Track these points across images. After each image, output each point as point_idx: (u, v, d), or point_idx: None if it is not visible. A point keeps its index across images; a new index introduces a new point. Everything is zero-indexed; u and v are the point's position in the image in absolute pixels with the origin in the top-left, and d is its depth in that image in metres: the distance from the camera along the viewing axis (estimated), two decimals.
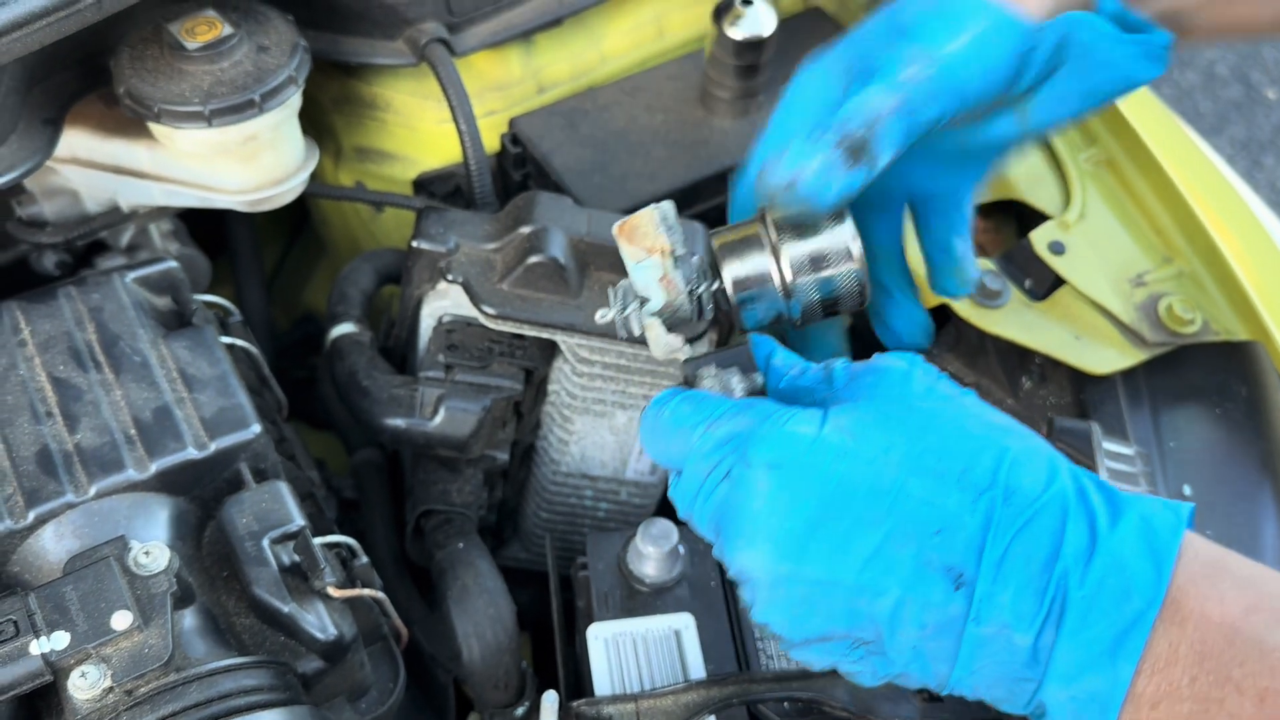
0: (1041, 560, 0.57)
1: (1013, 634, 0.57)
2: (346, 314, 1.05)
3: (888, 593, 0.59)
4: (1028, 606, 0.56)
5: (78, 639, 0.70)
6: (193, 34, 0.93)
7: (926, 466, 0.59)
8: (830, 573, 0.60)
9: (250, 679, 0.73)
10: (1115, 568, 0.56)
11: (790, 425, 0.63)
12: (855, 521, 0.59)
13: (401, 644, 0.88)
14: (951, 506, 0.58)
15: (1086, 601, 0.56)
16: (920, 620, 0.59)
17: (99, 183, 1.03)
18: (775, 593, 0.62)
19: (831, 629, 0.61)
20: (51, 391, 0.83)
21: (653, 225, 0.71)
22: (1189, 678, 0.54)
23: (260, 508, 0.81)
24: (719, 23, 1.10)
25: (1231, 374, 0.93)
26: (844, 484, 0.60)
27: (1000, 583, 0.57)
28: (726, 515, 0.64)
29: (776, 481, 0.61)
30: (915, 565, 0.58)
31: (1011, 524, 0.57)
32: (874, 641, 0.61)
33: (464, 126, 1.06)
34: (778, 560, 0.61)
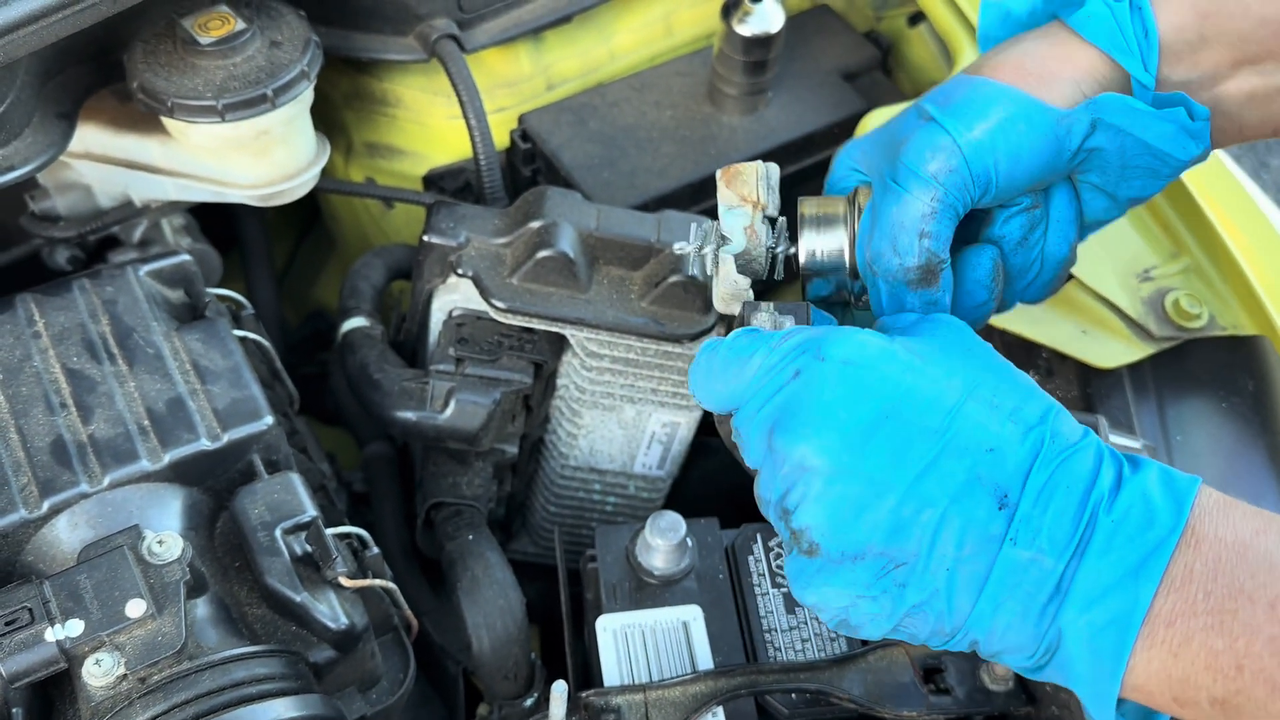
0: (1079, 491, 0.60)
1: (1043, 559, 0.59)
2: (358, 308, 1.05)
3: (936, 504, 0.61)
4: (1063, 531, 0.59)
5: (92, 627, 0.71)
6: (206, 29, 0.94)
7: (984, 397, 0.63)
8: (886, 472, 0.61)
9: (262, 667, 0.74)
10: (1140, 500, 0.59)
11: (860, 336, 0.66)
12: (917, 430, 0.62)
13: (412, 635, 0.89)
14: (1004, 434, 0.61)
15: (1113, 526, 0.59)
16: (961, 536, 0.60)
17: (112, 177, 1.04)
18: (830, 487, 0.62)
19: (871, 541, 0.62)
20: (66, 383, 0.84)
21: (754, 178, 0.74)
22: (1204, 593, 0.57)
23: (273, 498, 0.81)
24: (727, 19, 1.11)
25: (1238, 368, 0.93)
26: (911, 393, 0.63)
27: (1041, 506, 0.59)
28: (790, 408, 0.64)
29: (850, 376, 0.63)
30: (966, 480, 0.60)
31: (1056, 456, 0.60)
32: (907, 564, 0.62)
33: (474, 122, 1.06)
34: (841, 449, 0.62)
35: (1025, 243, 0.76)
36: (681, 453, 1.09)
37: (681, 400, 1.02)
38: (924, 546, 0.61)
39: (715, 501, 1.18)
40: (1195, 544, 0.58)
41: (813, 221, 0.76)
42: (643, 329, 0.96)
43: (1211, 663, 0.56)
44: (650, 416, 1.04)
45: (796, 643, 0.88)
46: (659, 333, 0.96)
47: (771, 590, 0.91)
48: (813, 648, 0.88)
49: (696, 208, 1.12)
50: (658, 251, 0.97)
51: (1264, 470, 0.91)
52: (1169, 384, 0.93)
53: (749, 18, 1.10)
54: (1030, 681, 0.86)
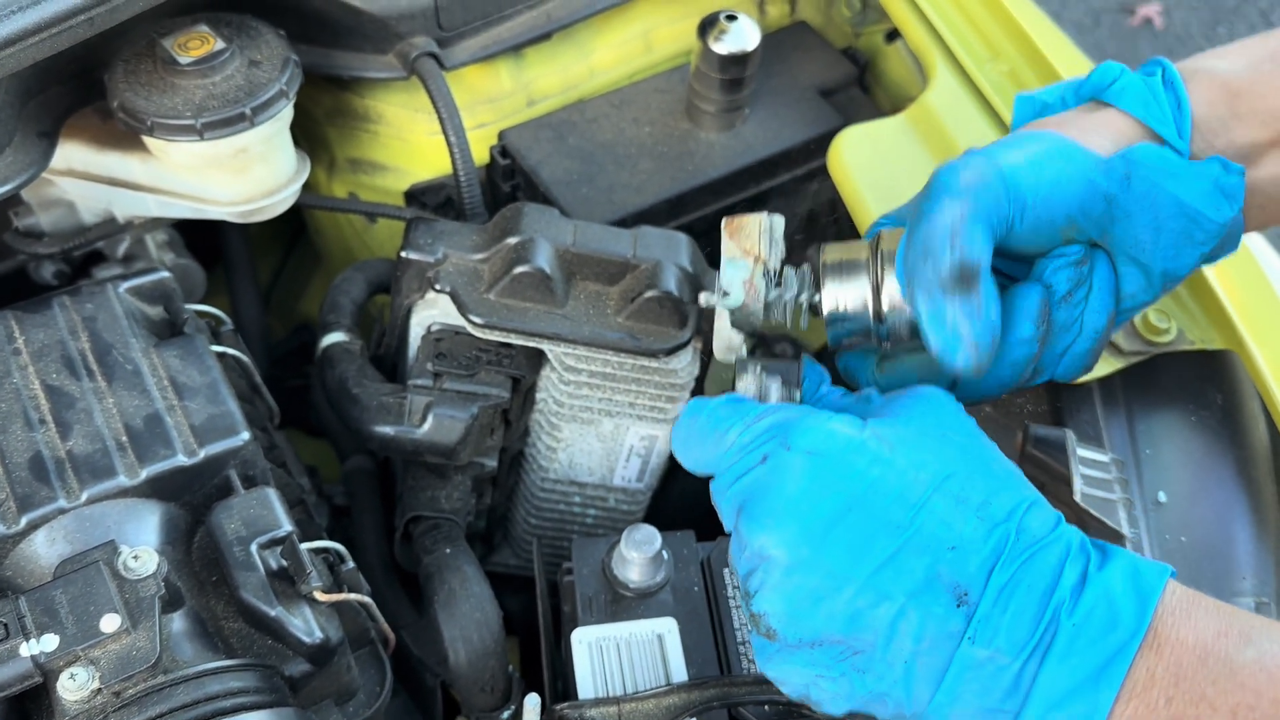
0: (1040, 591, 0.60)
1: (1002, 658, 0.59)
2: (337, 323, 1.06)
3: (893, 598, 0.61)
4: (1022, 632, 0.59)
5: (67, 641, 0.71)
6: (185, 49, 0.95)
7: (951, 490, 0.63)
8: (845, 566, 0.62)
9: (237, 681, 0.74)
10: (1104, 600, 0.59)
11: (833, 423, 0.66)
12: (879, 524, 0.62)
13: (389, 648, 0.89)
14: (968, 531, 0.61)
15: (1075, 629, 0.59)
16: (919, 632, 0.61)
17: (94, 194, 1.05)
18: (789, 577, 0.63)
19: (828, 631, 0.63)
20: (45, 399, 0.84)
21: (757, 230, 0.75)
22: (1165, 699, 0.57)
23: (249, 513, 0.82)
24: (704, 37, 1.12)
25: (1206, 382, 0.94)
26: (875, 486, 0.63)
27: (1000, 606, 0.60)
28: (755, 494, 0.66)
29: (813, 467, 0.64)
30: (925, 576, 0.61)
31: (1020, 555, 0.61)
32: (864, 653, 0.62)
33: (454, 139, 1.07)
34: (800, 543, 0.63)
35: (1070, 299, 0.74)
36: (660, 465, 1.10)
37: (659, 414, 1.03)
38: (881, 639, 0.62)
39: (694, 514, 1.19)
40: (1157, 647, 0.58)
41: (835, 269, 0.76)
42: (619, 344, 0.97)
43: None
44: (628, 430, 1.05)
45: None
46: (635, 347, 0.97)
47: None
48: None
49: (674, 223, 1.13)
50: (634, 267, 0.97)
51: (1232, 483, 0.91)
52: (1138, 398, 0.93)
53: (725, 35, 1.11)
54: None
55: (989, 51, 1.12)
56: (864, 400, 0.72)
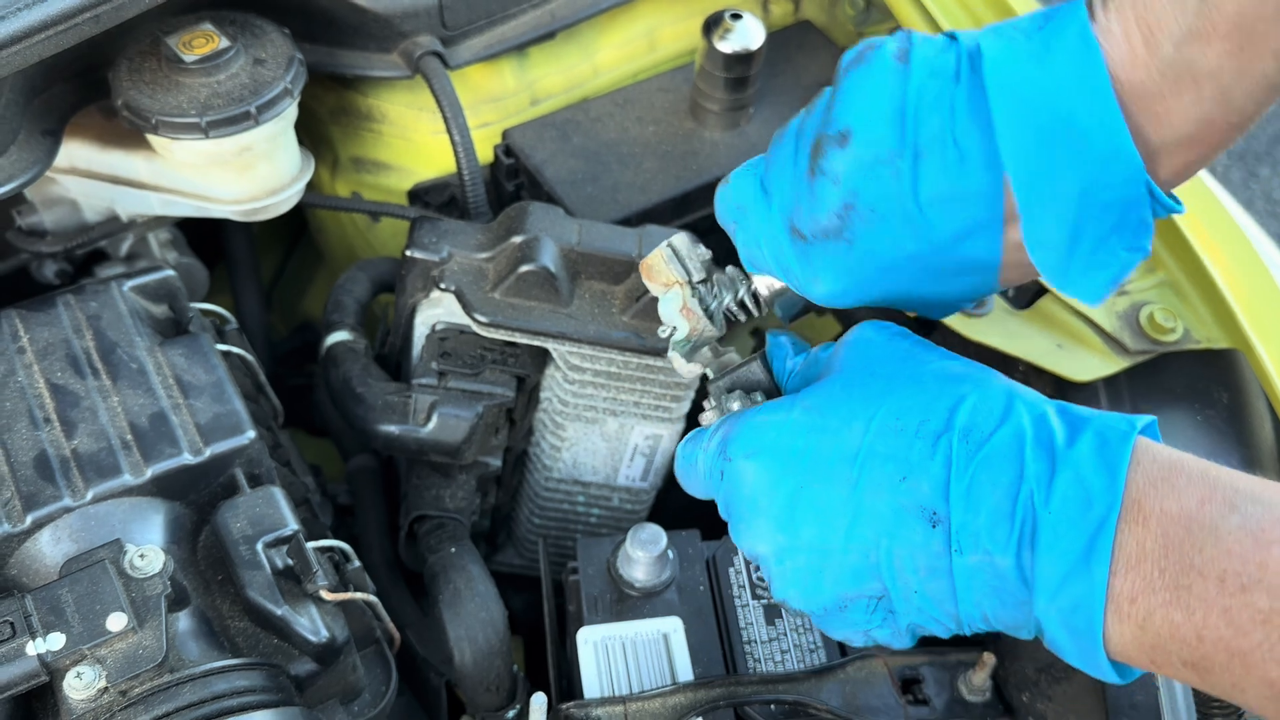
0: (1005, 485, 0.60)
1: (994, 558, 0.60)
2: (341, 322, 1.06)
3: (877, 544, 0.63)
4: (1001, 530, 0.60)
5: (73, 640, 0.71)
6: (190, 47, 0.95)
7: (887, 426, 0.64)
8: (821, 537, 0.65)
9: (243, 680, 0.74)
10: (1075, 482, 0.59)
11: (760, 416, 0.69)
12: (831, 486, 0.65)
13: (394, 647, 0.89)
14: (914, 456, 0.63)
15: (1054, 516, 0.59)
16: (912, 563, 0.63)
17: (98, 192, 1.04)
18: (782, 565, 0.67)
19: (843, 592, 0.66)
20: (49, 398, 0.84)
21: (663, 261, 0.77)
22: (1158, 570, 0.58)
23: (254, 512, 0.82)
24: (709, 36, 1.12)
25: (1212, 381, 0.94)
26: (816, 456, 0.66)
27: (971, 511, 0.61)
28: (729, 507, 0.71)
29: (757, 466, 0.68)
30: (892, 512, 0.63)
31: (970, 458, 0.61)
32: (884, 596, 0.65)
33: (458, 138, 1.07)
34: (774, 533, 0.67)
35: None
36: (664, 465, 1.09)
37: (664, 413, 1.03)
38: (888, 581, 0.64)
39: (699, 513, 1.19)
40: (1143, 520, 0.58)
41: None
42: (624, 343, 0.97)
43: (1174, 634, 0.57)
44: (633, 429, 1.04)
45: (776, 654, 0.89)
46: (640, 346, 0.97)
47: (752, 602, 0.91)
48: (792, 659, 0.89)
49: (678, 222, 1.13)
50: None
51: None
52: (1144, 397, 0.93)
53: (730, 34, 1.11)
54: (1007, 691, 0.86)
55: None
56: (813, 363, 0.75)
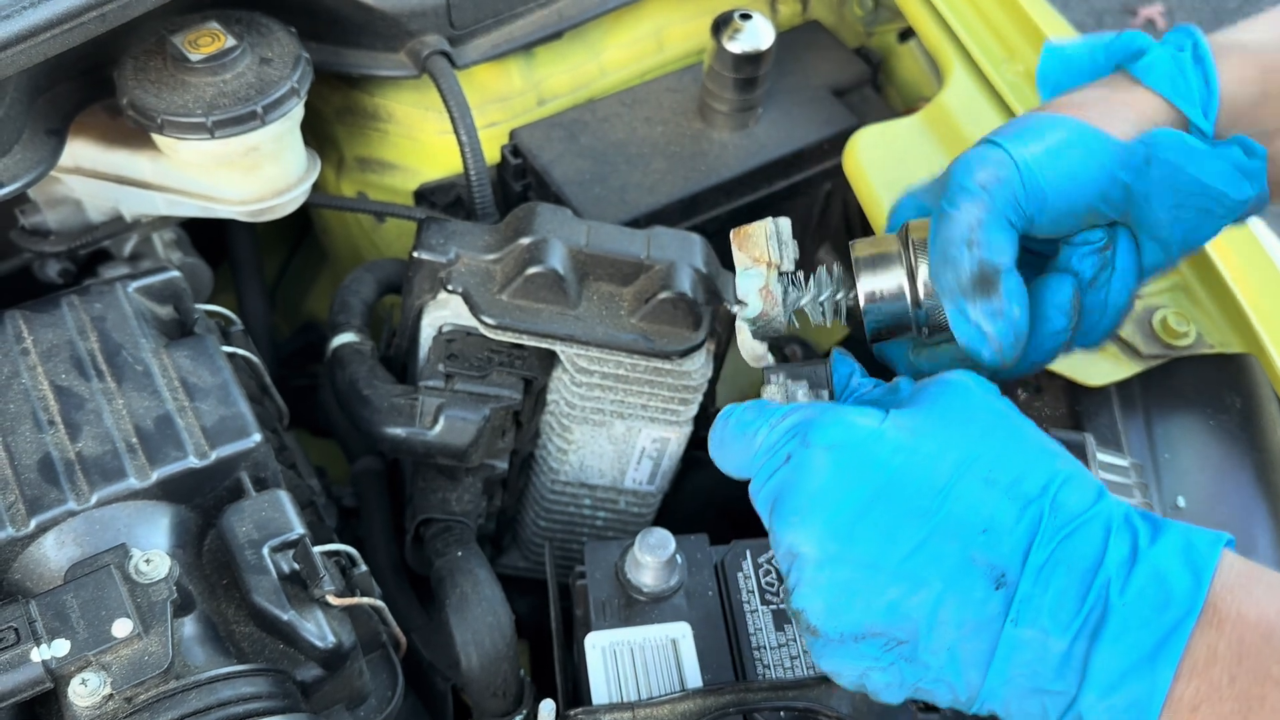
0: (1083, 568, 0.58)
1: (1049, 638, 0.58)
2: (348, 323, 1.05)
3: (929, 585, 0.60)
4: (1067, 611, 0.58)
5: (78, 646, 0.71)
6: (196, 46, 0.94)
7: (979, 472, 0.61)
8: (876, 557, 0.61)
9: (249, 686, 0.74)
10: (1155, 578, 0.58)
11: (852, 416, 0.66)
12: (905, 512, 0.61)
13: (400, 652, 0.89)
14: (1000, 512, 0.60)
15: (1127, 609, 0.57)
16: (959, 618, 0.60)
17: (102, 192, 1.04)
18: (820, 572, 0.63)
19: (869, 623, 0.62)
20: (54, 400, 0.84)
21: (764, 237, 0.74)
22: (1229, 677, 0.56)
23: (260, 516, 0.81)
24: (718, 36, 1.11)
25: (1225, 386, 0.94)
26: (899, 475, 0.62)
27: (1041, 585, 0.58)
28: (782, 494, 0.66)
29: (834, 462, 0.64)
30: (959, 561, 0.60)
31: (1057, 532, 0.59)
32: (909, 642, 0.61)
33: (465, 138, 1.06)
34: (828, 537, 0.63)
35: (1095, 283, 0.74)
36: (672, 468, 1.09)
37: (671, 416, 1.03)
38: (922, 627, 0.61)
39: (706, 517, 1.18)
40: (1218, 623, 0.56)
41: (868, 263, 0.76)
42: (632, 345, 0.96)
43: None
44: (640, 432, 1.04)
45: (785, 660, 0.88)
46: (649, 349, 0.96)
47: (761, 607, 0.91)
48: (801, 665, 0.88)
49: (687, 223, 1.12)
50: (648, 268, 0.97)
51: (1252, 487, 0.91)
52: (1157, 402, 0.93)
53: (739, 34, 1.11)
54: None
55: (1005, 52, 1.11)
56: (893, 390, 0.71)
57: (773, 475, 0.67)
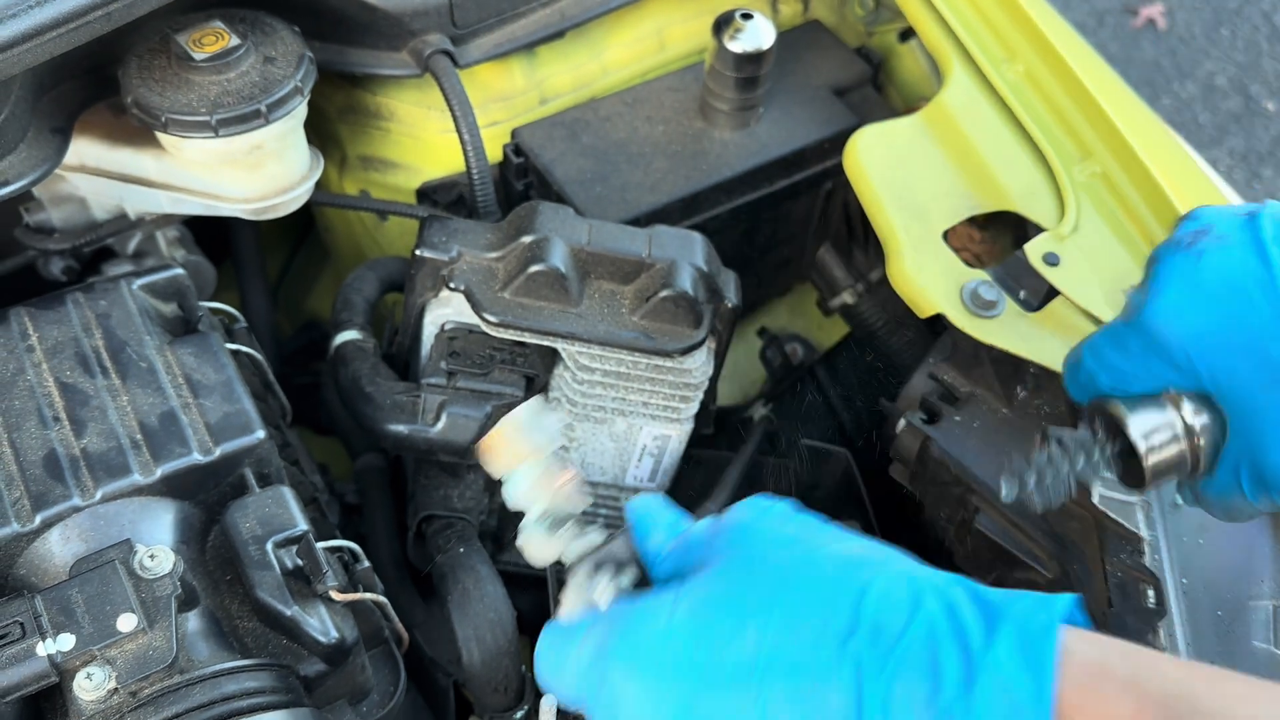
0: (922, 696, 0.55)
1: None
2: (350, 321, 1.06)
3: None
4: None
5: (83, 641, 0.71)
6: (200, 45, 0.95)
7: (785, 629, 0.58)
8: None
9: (253, 681, 0.74)
10: (999, 689, 0.54)
11: (641, 623, 0.62)
12: (728, 705, 0.58)
13: (403, 647, 0.89)
14: (821, 664, 0.56)
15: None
16: None
17: (106, 190, 1.04)
18: None
19: None
20: (59, 396, 0.84)
21: (511, 435, 0.69)
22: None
23: (264, 512, 0.82)
24: (719, 36, 1.11)
25: None
26: (706, 671, 0.58)
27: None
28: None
29: (640, 686, 0.60)
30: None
31: (882, 668, 0.56)
32: None
33: (467, 136, 1.07)
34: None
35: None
36: (673, 465, 1.09)
37: (672, 413, 1.03)
38: None
39: (706, 514, 1.19)
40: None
41: (1132, 405, 0.70)
42: (633, 343, 0.97)
43: None
44: (641, 430, 1.04)
45: None
46: (650, 347, 0.97)
47: None
48: None
49: (688, 222, 1.13)
50: (649, 266, 0.97)
51: None
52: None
53: (740, 34, 1.11)
54: None
55: (1005, 52, 1.11)
56: (687, 548, 0.67)
57: (596, 708, 0.63)
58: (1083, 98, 1.07)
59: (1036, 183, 1.03)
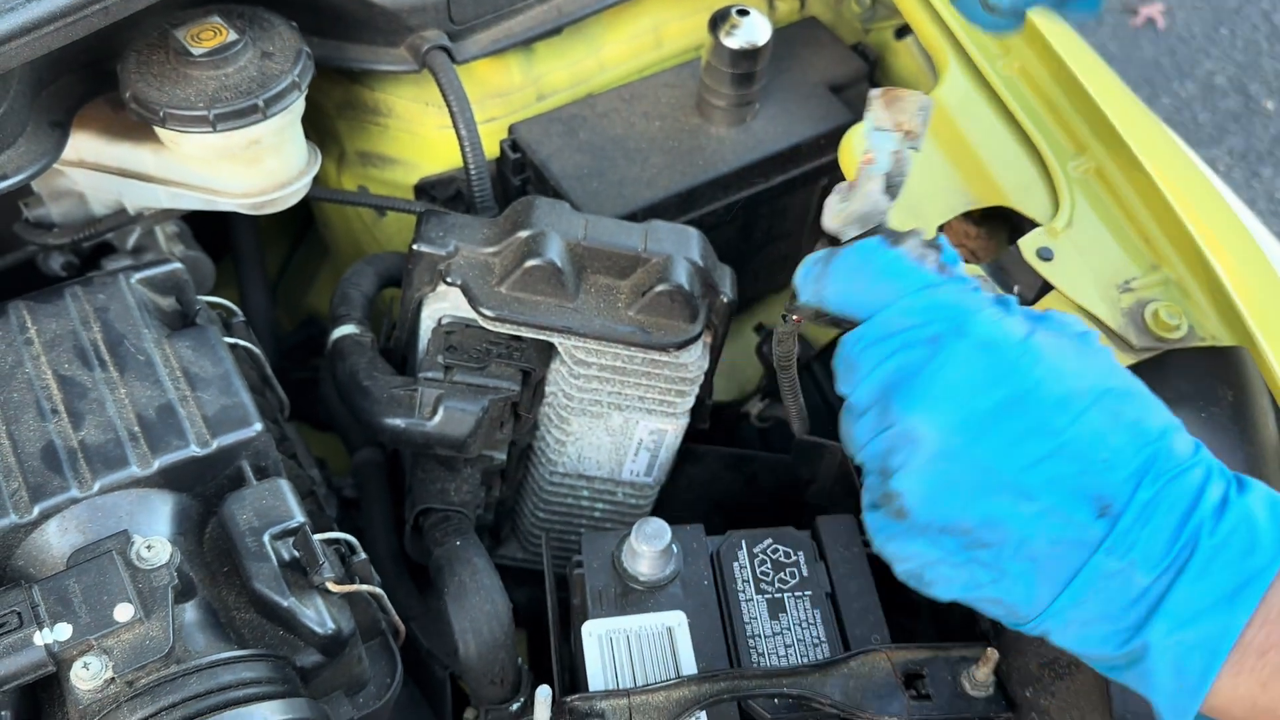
0: (1181, 510, 0.60)
1: (1135, 572, 0.60)
2: (348, 315, 1.06)
3: (1037, 499, 0.61)
4: (1159, 548, 0.60)
5: (80, 630, 0.72)
6: (198, 39, 0.95)
7: (1108, 405, 0.62)
8: (996, 462, 0.62)
9: (249, 671, 0.74)
10: (1244, 524, 0.60)
11: (1008, 318, 0.65)
12: (1036, 426, 0.62)
13: (399, 639, 0.89)
14: (1120, 445, 0.61)
15: (1214, 550, 0.59)
16: (1055, 536, 0.61)
17: (105, 185, 1.05)
18: (936, 463, 0.63)
19: (964, 520, 0.63)
20: (57, 389, 0.84)
21: (914, 106, 0.72)
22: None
23: (261, 504, 0.82)
24: (715, 32, 1.12)
25: (1216, 379, 0.94)
26: (1039, 388, 0.62)
27: (1141, 522, 0.60)
28: (917, 374, 0.64)
29: (984, 359, 0.63)
30: (1073, 484, 0.61)
31: (1164, 474, 0.61)
32: (993, 546, 0.62)
33: (464, 132, 1.07)
34: (955, 431, 0.62)
35: None
36: (669, 460, 1.10)
37: (668, 408, 1.03)
38: (1014, 536, 0.62)
39: (702, 508, 1.19)
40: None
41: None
42: (630, 337, 0.97)
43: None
44: (638, 424, 1.05)
45: (780, 648, 0.89)
46: (646, 341, 0.97)
47: (756, 596, 0.92)
48: (795, 653, 0.89)
49: (684, 218, 1.13)
50: (645, 261, 0.98)
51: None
52: None
53: (736, 30, 1.11)
54: (1010, 687, 0.87)
55: (1000, 48, 1.12)
56: (1001, 303, 0.69)
57: (905, 349, 0.65)
58: (1077, 93, 1.07)
59: (1031, 178, 1.03)
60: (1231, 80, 2.99)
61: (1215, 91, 2.97)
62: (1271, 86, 2.98)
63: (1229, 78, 2.99)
